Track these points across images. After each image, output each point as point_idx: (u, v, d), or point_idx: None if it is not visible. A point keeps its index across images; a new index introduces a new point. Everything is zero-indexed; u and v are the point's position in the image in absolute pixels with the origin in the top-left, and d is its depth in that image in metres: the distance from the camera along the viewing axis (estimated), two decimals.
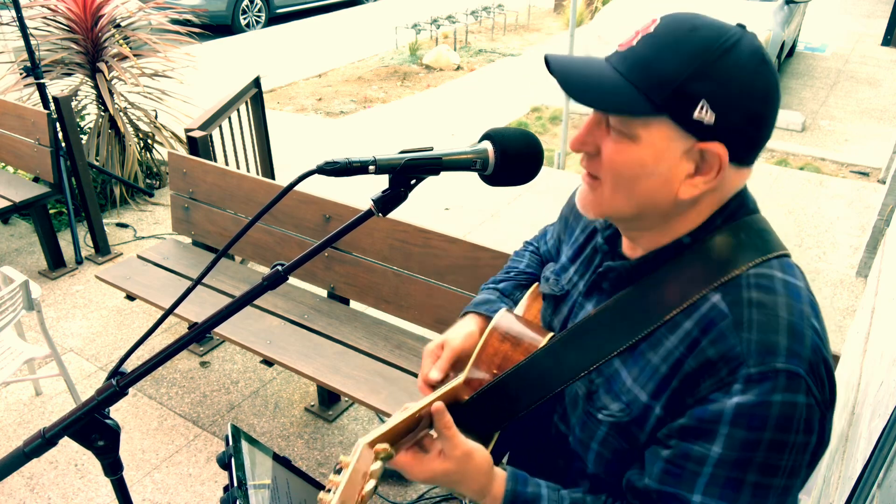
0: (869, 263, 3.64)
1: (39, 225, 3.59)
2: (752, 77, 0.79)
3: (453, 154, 0.86)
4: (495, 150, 0.87)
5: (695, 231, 0.87)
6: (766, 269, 0.84)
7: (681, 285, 0.86)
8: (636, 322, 0.88)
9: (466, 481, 0.89)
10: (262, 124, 4.06)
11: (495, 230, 4.18)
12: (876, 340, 2.30)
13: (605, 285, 0.98)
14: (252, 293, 0.86)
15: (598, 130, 0.86)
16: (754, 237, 0.86)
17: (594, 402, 0.92)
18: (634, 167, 0.82)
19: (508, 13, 10.45)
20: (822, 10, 10.66)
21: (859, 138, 5.79)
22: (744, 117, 0.79)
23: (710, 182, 0.82)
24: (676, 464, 0.82)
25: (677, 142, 0.80)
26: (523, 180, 0.90)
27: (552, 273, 1.13)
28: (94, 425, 0.91)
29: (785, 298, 0.81)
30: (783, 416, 0.76)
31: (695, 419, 0.80)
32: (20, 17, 3.58)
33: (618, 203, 0.86)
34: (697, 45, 0.78)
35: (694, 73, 0.77)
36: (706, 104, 0.77)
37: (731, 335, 0.79)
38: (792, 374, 0.76)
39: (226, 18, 9.67)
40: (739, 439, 0.77)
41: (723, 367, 0.79)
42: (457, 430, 0.89)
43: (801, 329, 0.79)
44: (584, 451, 0.95)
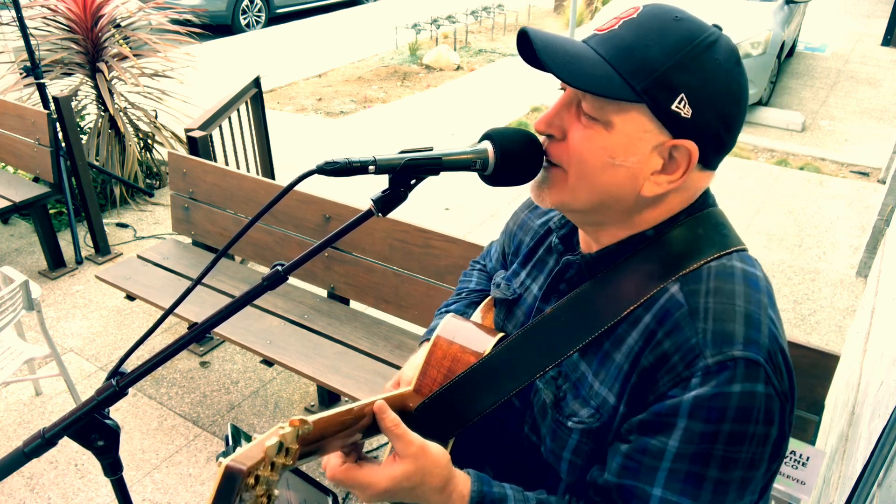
0: (869, 263, 3.64)
1: (39, 225, 3.59)
2: (728, 77, 0.78)
3: (453, 154, 0.86)
4: (495, 150, 0.87)
5: (659, 224, 0.86)
6: (727, 261, 0.83)
7: (640, 279, 0.84)
8: (595, 318, 0.86)
9: (428, 480, 0.82)
10: (262, 124, 4.06)
11: (495, 230, 4.17)
12: (876, 340, 2.30)
13: (562, 287, 0.96)
14: (252, 293, 0.85)
15: (567, 113, 0.83)
16: (713, 231, 0.86)
17: (563, 410, 0.90)
18: (603, 155, 0.80)
19: (508, 13, 10.45)
20: (822, 10, 10.66)
21: (859, 138, 5.78)
22: (718, 117, 0.79)
23: (674, 181, 0.81)
24: (634, 458, 0.80)
25: (650, 134, 0.79)
26: (523, 180, 0.90)
27: (503, 279, 1.11)
28: (93, 425, 0.91)
29: (743, 287, 0.80)
30: (742, 408, 0.75)
31: (653, 413, 0.79)
32: (20, 17, 3.58)
33: (579, 193, 0.84)
34: (682, 35, 0.77)
35: (677, 63, 0.76)
36: (685, 98, 0.76)
37: (687, 326, 0.78)
38: (750, 362, 0.75)
39: (226, 18, 9.67)
40: (697, 432, 0.76)
41: (679, 362, 0.77)
42: (406, 427, 0.83)
43: (758, 317, 0.78)
44: (557, 461, 0.92)
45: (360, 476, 0.82)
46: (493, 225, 4.25)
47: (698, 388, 0.75)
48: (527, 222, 1.13)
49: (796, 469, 1.45)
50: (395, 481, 0.81)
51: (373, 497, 0.82)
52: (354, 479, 0.82)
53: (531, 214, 1.13)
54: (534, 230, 1.10)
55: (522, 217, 1.14)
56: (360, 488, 0.82)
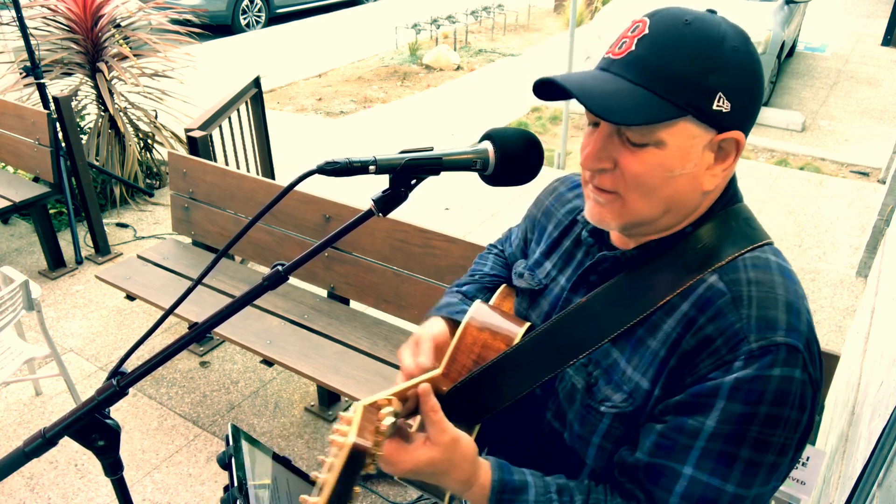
0: (869, 263, 3.64)
1: (39, 225, 3.59)
2: (748, 58, 0.81)
3: (453, 154, 0.86)
4: (495, 150, 0.87)
5: (696, 220, 0.89)
6: (761, 253, 0.86)
7: (676, 271, 0.86)
8: (630, 307, 0.88)
9: (453, 471, 0.85)
10: (262, 124, 4.06)
11: (495, 230, 4.18)
12: (876, 340, 2.30)
13: (592, 278, 0.97)
14: (252, 293, 0.85)
15: (611, 144, 0.83)
16: (744, 225, 0.89)
17: (595, 395, 0.91)
18: (662, 173, 0.82)
19: (508, 13, 10.45)
20: (822, 10, 10.66)
21: (859, 138, 5.79)
22: (750, 99, 0.82)
23: (728, 168, 0.84)
24: (669, 437, 0.82)
25: (699, 138, 0.81)
26: (523, 180, 0.90)
27: (525, 269, 1.11)
28: (94, 425, 0.91)
29: (780, 278, 0.83)
30: (780, 391, 0.77)
31: (692, 395, 0.81)
32: (20, 17, 3.58)
33: (646, 210, 0.85)
34: (699, 38, 0.78)
35: (706, 66, 0.78)
36: (722, 95, 0.79)
37: (731, 312, 0.80)
38: (791, 348, 0.78)
39: (226, 18, 9.67)
40: (736, 413, 0.78)
41: (722, 345, 0.79)
42: (443, 415, 0.85)
43: (798, 307, 0.81)
44: (584, 446, 0.93)
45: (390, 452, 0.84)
46: (493, 225, 4.25)
47: (741, 370, 0.78)
48: (551, 210, 1.12)
49: (796, 469, 1.45)
50: (421, 464, 0.84)
51: (398, 473, 0.85)
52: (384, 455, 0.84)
53: (555, 202, 1.12)
54: (557, 219, 1.09)
55: (546, 204, 1.14)
56: (387, 463, 0.84)
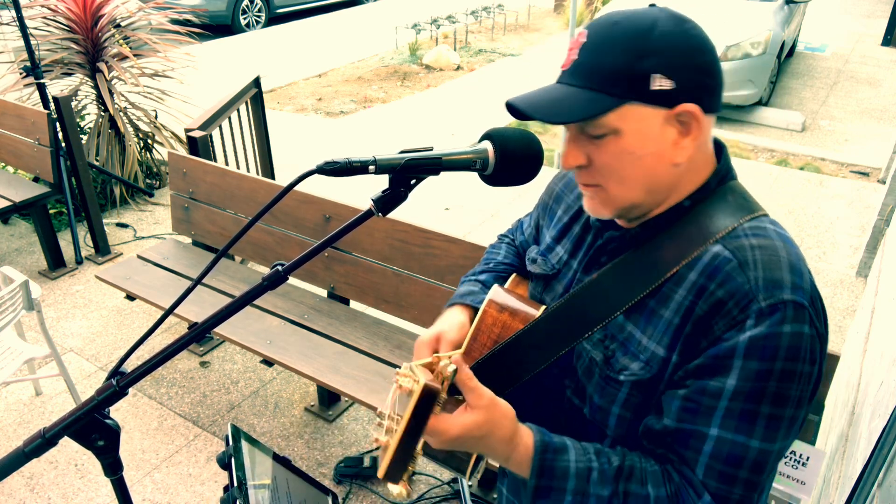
0: (869, 263, 3.64)
1: (39, 225, 3.59)
2: (683, 37, 0.86)
3: (453, 154, 0.86)
4: (495, 150, 0.87)
5: (694, 193, 0.93)
6: (759, 222, 0.91)
7: (681, 244, 0.91)
8: (640, 280, 0.93)
9: (496, 430, 0.89)
10: (262, 124, 4.06)
11: (495, 230, 4.18)
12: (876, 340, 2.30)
13: (603, 259, 1.01)
14: (252, 293, 0.86)
15: (579, 143, 0.91)
16: (740, 199, 0.94)
17: (613, 366, 0.95)
18: (628, 157, 0.88)
19: (508, 13, 10.45)
20: (822, 10, 10.66)
21: (859, 138, 5.79)
22: (695, 71, 0.86)
23: (696, 138, 0.88)
24: (693, 399, 0.86)
25: (651, 117, 0.86)
26: (523, 180, 0.90)
27: (538, 254, 1.15)
28: (94, 425, 0.91)
29: (780, 243, 0.89)
30: (792, 347, 0.82)
31: (710, 357, 0.85)
32: (20, 17, 3.58)
33: (627, 194, 0.91)
34: (626, 32, 0.86)
35: (636, 55, 0.84)
36: (659, 75, 0.84)
37: (739, 275, 0.85)
38: (798, 305, 0.83)
39: (226, 18, 9.67)
40: (754, 370, 0.82)
41: (733, 307, 0.84)
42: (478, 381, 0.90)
43: (800, 267, 0.87)
44: (605, 416, 0.97)
45: (434, 423, 0.88)
46: (493, 225, 4.25)
47: (753, 328, 0.82)
48: (561, 196, 1.17)
49: (796, 469, 1.45)
50: (466, 429, 0.88)
51: (444, 443, 0.89)
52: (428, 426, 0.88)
53: (564, 188, 1.17)
54: (567, 203, 1.14)
55: (557, 190, 1.19)
56: (432, 434, 0.88)
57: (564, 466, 0.90)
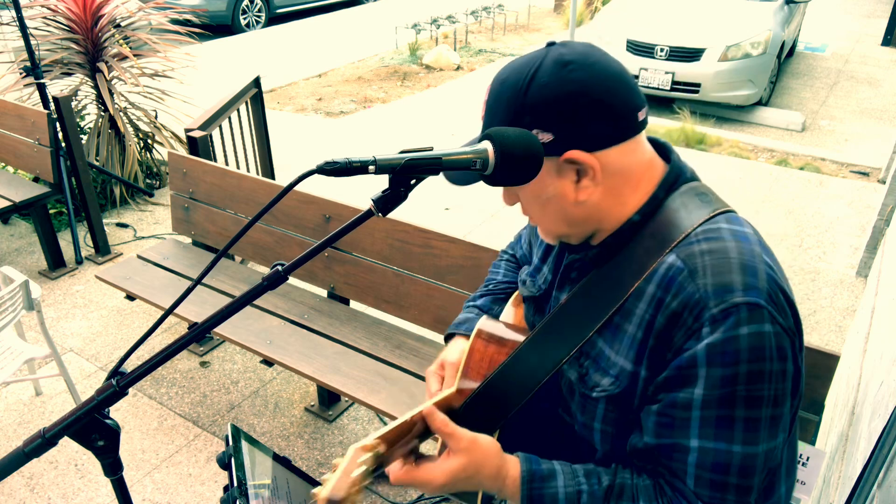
0: (869, 263, 3.64)
1: (39, 225, 3.59)
2: (557, 86, 0.87)
3: (453, 154, 0.86)
4: (495, 150, 0.87)
5: (642, 208, 0.94)
6: (712, 224, 0.90)
7: (639, 257, 0.92)
8: (605, 300, 0.94)
9: (482, 469, 0.92)
10: (262, 124, 4.06)
11: (495, 230, 4.18)
12: (876, 340, 2.30)
13: (573, 275, 1.03)
14: (252, 293, 0.86)
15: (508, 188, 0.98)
16: (696, 200, 0.94)
17: (587, 383, 0.97)
18: (535, 201, 0.95)
19: (508, 13, 10.45)
20: (822, 10, 10.66)
21: (859, 138, 5.79)
22: (571, 119, 0.87)
23: (594, 178, 0.90)
24: (667, 414, 0.87)
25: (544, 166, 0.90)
26: (523, 180, 0.90)
27: (527, 276, 1.18)
28: (94, 425, 0.91)
29: (734, 243, 0.87)
30: (754, 347, 0.81)
31: (674, 369, 0.86)
32: (20, 17, 3.58)
33: (552, 227, 0.98)
34: (507, 93, 0.90)
35: (514, 115, 0.89)
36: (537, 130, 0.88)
37: (689, 284, 0.85)
38: (752, 306, 0.82)
39: (226, 18, 9.67)
40: (718, 377, 0.82)
41: (688, 316, 0.84)
42: (455, 425, 0.92)
43: (753, 265, 0.85)
44: (590, 433, 0.99)
45: (419, 475, 0.92)
46: (493, 225, 4.25)
47: (709, 336, 0.82)
48: None
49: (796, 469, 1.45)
50: (451, 474, 0.91)
51: (435, 491, 0.92)
52: (415, 479, 0.92)
53: None
54: None
55: None
56: (421, 485, 0.92)
57: (553, 493, 0.92)
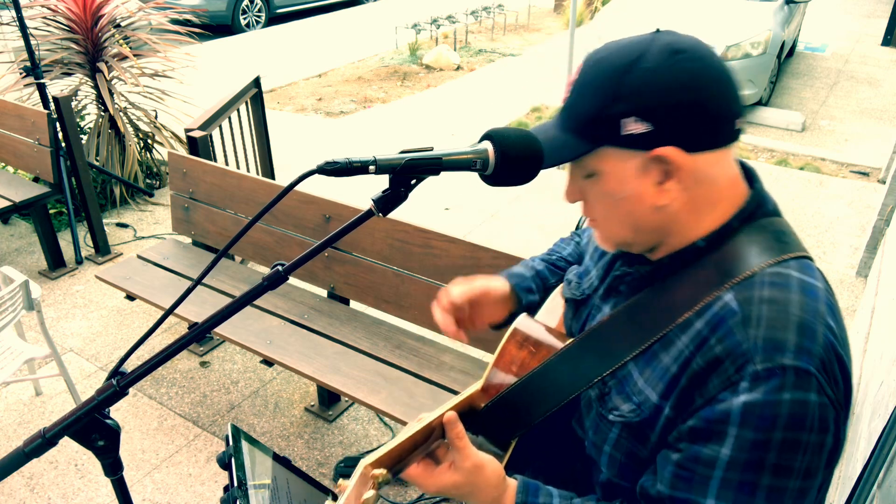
0: (869, 263, 3.64)
1: (39, 225, 3.59)
2: (667, 73, 0.81)
3: (453, 154, 0.86)
4: (495, 150, 0.87)
5: (711, 235, 0.88)
6: (782, 268, 0.82)
7: (694, 287, 0.86)
8: (650, 325, 0.88)
9: (477, 493, 0.90)
10: (262, 124, 4.06)
11: (495, 230, 4.18)
12: (876, 340, 2.30)
13: (622, 288, 0.99)
14: (252, 293, 0.85)
15: (574, 179, 0.93)
16: (771, 239, 0.86)
17: (606, 404, 0.93)
18: (608, 199, 0.89)
19: (508, 13, 10.45)
20: (822, 10, 10.66)
21: (859, 138, 5.78)
22: (675, 111, 0.81)
23: (682, 182, 0.84)
24: (687, 467, 0.81)
25: (627, 161, 0.84)
26: (523, 180, 0.90)
27: (575, 276, 1.13)
28: (94, 425, 0.90)
29: (799, 296, 0.80)
30: (794, 415, 0.75)
31: (703, 420, 0.79)
32: (20, 17, 3.58)
33: (616, 231, 0.92)
34: (604, 73, 0.84)
35: (607, 99, 0.82)
36: (631, 119, 0.81)
37: (739, 331, 0.79)
38: (801, 371, 0.75)
39: (226, 18, 9.67)
40: (749, 440, 0.76)
41: (729, 365, 0.78)
42: (468, 442, 0.90)
43: (814, 326, 0.78)
44: (598, 454, 0.96)
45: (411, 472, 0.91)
46: (493, 225, 4.25)
47: (747, 392, 0.76)
48: None
49: None
50: (444, 487, 0.90)
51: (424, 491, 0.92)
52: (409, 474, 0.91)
53: None
54: None
55: None
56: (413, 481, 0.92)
57: None
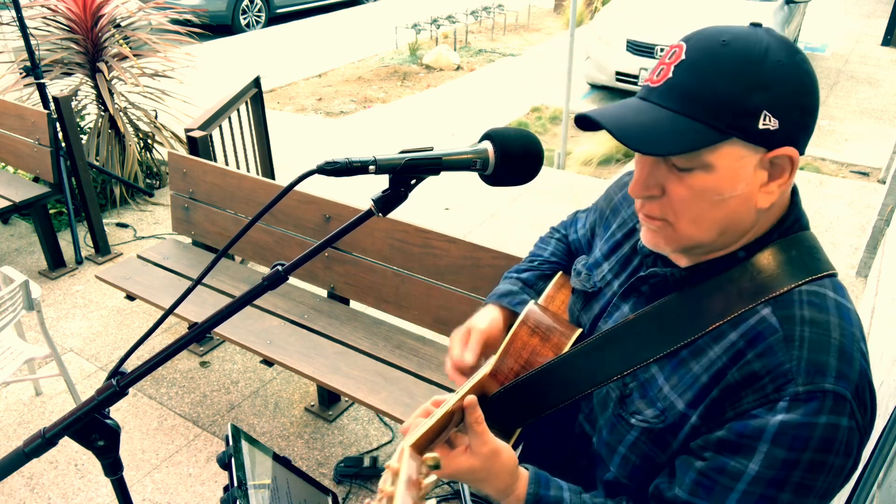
0: (869, 263, 3.64)
1: (39, 225, 3.59)
2: (796, 71, 0.77)
3: (453, 154, 0.86)
4: (495, 150, 0.87)
5: (750, 244, 0.86)
6: (818, 287, 0.82)
7: (729, 297, 0.84)
8: (678, 330, 0.87)
9: (491, 479, 0.88)
10: (262, 124, 4.06)
11: (495, 230, 4.18)
12: (876, 340, 2.30)
13: (644, 288, 0.96)
14: (252, 293, 0.85)
15: (658, 170, 0.83)
16: (806, 255, 0.85)
17: (627, 407, 0.91)
18: (712, 196, 0.80)
19: (508, 13, 10.45)
20: (822, 10, 10.66)
21: (859, 138, 5.78)
22: (801, 112, 0.78)
23: (784, 184, 0.81)
24: (710, 477, 0.81)
25: (748, 157, 0.79)
26: (523, 180, 0.90)
27: (584, 267, 1.11)
28: (94, 425, 0.90)
29: (837, 319, 0.80)
30: (825, 438, 0.75)
31: (734, 433, 0.79)
32: (20, 17, 3.58)
33: (698, 234, 0.84)
34: (739, 58, 0.76)
35: (747, 86, 0.76)
36: (767, 113, 0.76)
37: (781, 351, 0.78)
38: (839, 396, 0.76)
39: (226, 18, 9.67)
40: (780, 458, 0.76)
41: (769, 383, 0.78)
42: (486, 427, 0.87)
43: (851, 352, 0.78)
44: (610, 453, 0.94)
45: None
46: (493, 225, 4.25)
47: (785, 412, 0.76)
48: (618, 207, 1.11)
49: None
50: (460, 471, 0.87)
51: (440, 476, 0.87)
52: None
53: (623, 201, 1.10)
54: (623, 217, 1.08)
55: (615, 200, 1.13)
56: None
57: None
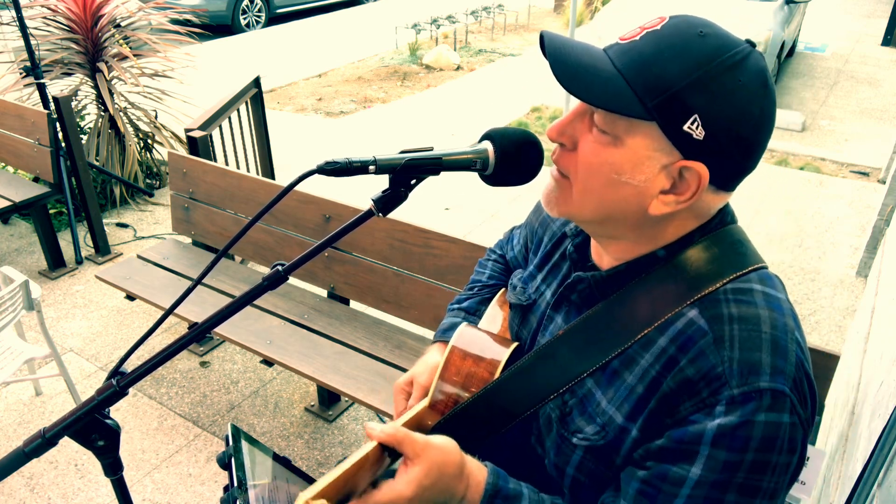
0: (869, 263, 3.64)
1: (39, 225, 3.59)
2: (750, 99, 0.74)
3: (453, 154, 0.86)
4: (495, 150, 0.87)
5: (671, 244, 0.84)
6: (744, 283, 0.81)
7: (654, 301, 0.82)
8: (608, 340, 0.85)
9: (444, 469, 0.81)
10: (262, 124, 4.06)
11: (495, 230, 4.18)
12: (876, 340, 2.30)
13: (573, 297, 0.94)
14: (252, 293, 0.85)
15: (580, 124, 0.81)
16: (730, 250, 0.83)
17: (568, 426, 0.89)
18: (609, 171, 0.79)
19: (508, 13, 10.45)
20: (822, 10, 10.66)
21: (859, 138, 5.78)
22: (733, 141, 0.75)
23: (683, 202, 0.79)
24: (653, 485, 0.79)
25: (660, 153, 0.76)
26: (523, 180, 0.90)
27: (519, 281, 1.10)
28: (94, 425, 0.90)
29: (767, 312, 0.78)
30: (767, 438, 0.74)
31: (674, 441, 0.77)
32: (20, 17, 3.58)
33: (585, 205, 0.83)
34: (704, 52, 0.73)
35: (694, 82, 0.73)
36: (698, 119, 0.73)
37: (712, 354, 0.76)
38: (777, 393, 0.74)
39: (226, 18, 9.67)
40: (721, 461, 0.74)
41: (704, 388, 0.76)
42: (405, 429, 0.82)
43: (785, 344, 0.77)
44: (560, 475, 0.92)
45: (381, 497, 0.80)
46: (493, 225, 4.25)
47: (723, 416, 0.74)
48: (547, 220, 1.10)
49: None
50: (416, 483, 0.80)
51: None
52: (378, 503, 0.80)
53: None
54: (552, 230, 1.08)
55: (544, 214, 1.11)
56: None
57: None
